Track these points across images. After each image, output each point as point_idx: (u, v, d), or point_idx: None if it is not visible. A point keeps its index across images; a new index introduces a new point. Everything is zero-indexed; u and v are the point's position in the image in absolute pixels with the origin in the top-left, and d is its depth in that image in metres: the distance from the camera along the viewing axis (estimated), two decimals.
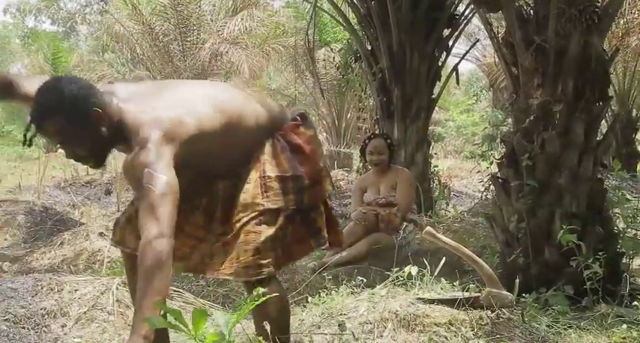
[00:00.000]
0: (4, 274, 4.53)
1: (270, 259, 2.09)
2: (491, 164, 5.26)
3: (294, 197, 2.14)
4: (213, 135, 2.02)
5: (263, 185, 2.11)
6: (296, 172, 2.15)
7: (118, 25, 15.54)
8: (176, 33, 15.31)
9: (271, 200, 2.11)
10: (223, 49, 15.15)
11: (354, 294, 3.35)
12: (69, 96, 1.90)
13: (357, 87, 11.07)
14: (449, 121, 21.53)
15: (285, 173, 2.14)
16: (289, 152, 2.17)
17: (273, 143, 2.17)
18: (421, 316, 2.76)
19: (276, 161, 2.15)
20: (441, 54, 6.95)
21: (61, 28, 31.79)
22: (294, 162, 2.16)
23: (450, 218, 6.37)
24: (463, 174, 11.54)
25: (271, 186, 2.12)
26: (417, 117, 6.71)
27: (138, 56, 16.61)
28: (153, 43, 15.51)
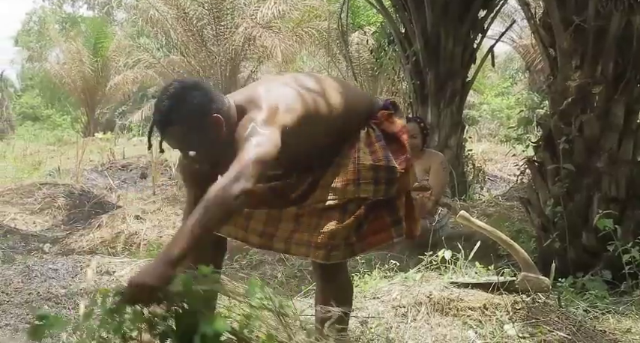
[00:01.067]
0: (45, 255, 4.64)
1: (343, 246, 2.07)
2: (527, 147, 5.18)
3: (384, 187, 2.11)
4: (317, 122, 2.05)
5: (357, 171, 2.10)
6: (389, 162, 2.12)
7: (153, 9, 15.65)
8: (210, 17, 15.36)
9: (362, 189, 2.09)
10: (256, 33, 15.15)
11: (387, 278, 3.35)
12: (190, 104, 1.90)
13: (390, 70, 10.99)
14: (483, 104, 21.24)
15: (379, 162, 2.12)
16: (384, 141, 2.15)
17: (368, 131, 2.16)
18: (455, 300, 2.75)
19: (371, 149, 2.13)
20: (476, 36, 6.83)
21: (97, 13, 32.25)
22: (387, 151, 2.14)
23: (485, 202, 6.31)
24: (498, 157, 11.40)
25: (364, 175, 2.10)
26: (451, 101, 6.64)
27: (172, 41, 16.75)
28: (187, 28, 15.59)
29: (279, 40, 15.35)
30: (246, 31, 15.16)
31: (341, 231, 2.06)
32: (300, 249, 2.11)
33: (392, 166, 2.12)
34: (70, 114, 28.28)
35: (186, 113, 1.89)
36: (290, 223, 2.12)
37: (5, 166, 10.22)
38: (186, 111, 1.90)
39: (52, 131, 24.43)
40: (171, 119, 1.90)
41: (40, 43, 29.65)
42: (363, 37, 14.83)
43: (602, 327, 2.69)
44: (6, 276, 3.32)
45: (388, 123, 2.19)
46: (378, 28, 12.39)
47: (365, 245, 2.16)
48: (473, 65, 6.99)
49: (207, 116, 1.91)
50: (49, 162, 10.97)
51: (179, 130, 1.91)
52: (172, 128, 1.91)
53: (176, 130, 1.91)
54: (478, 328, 2.58)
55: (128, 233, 5.30)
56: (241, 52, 15.83)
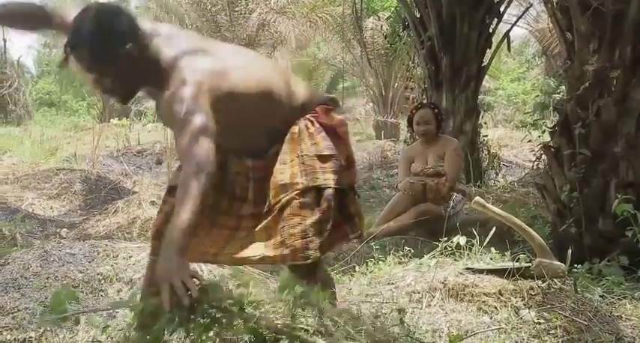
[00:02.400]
0: (63, 240, 4.69)
1: (317, 243, 2.05)
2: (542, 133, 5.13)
3: (333, 176, 2.10)
4: (247, 99, 2.00)
5: (301, 164, 2.08)
6: (333, 151, 2.12)
7: None
8: (224, 3, 15.36)
9: (310, 178, 2.07)
10: (270, 18, 15.12)
11: (401, 264, 3.36)
12: (104, 27, 1.88)
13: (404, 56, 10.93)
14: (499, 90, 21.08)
15: (322, 151, 2.11)
16: (324, 132, 2.14)
17: (307, 124, 2.13)
18: (470, 286, 2.75)
19: (313, 140, 2.11)
20: (491, 20, 6.77)
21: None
22: (328, 141, 2.13)
23: (500, 188, 6.28)
24: (513, 143, 11.33)
25: (310, 165, 2.08)
26: (466, 86, 6.59)
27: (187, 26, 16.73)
28: (201, 13, 15.60)
29: (293, 25, 15.32)
30: (260, 17, 15.15)
31: (310, 228, 2.03)
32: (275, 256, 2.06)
33: (336, 154, 2.12)
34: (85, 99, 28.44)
35: (97, 35, 1.87)
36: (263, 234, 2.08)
37: (23, 151, 10.31)
38: (98, 33, 1.87)
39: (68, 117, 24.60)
40: (81, 38, 1.88)
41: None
42: (378, 22, 14.76)
43: (619, 313, 2.68)
44: (25, 261, 3.36)
45: (327, 117, 2.17)
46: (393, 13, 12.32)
47: (330, 242, 2.15)
48: (488, 50, 6.93)
49: (119, 42, 1.89)
50: (65, 148, 11.06)
51: (87, 51, 1.89)
52: (81, 48, 1.89)
53: (85, 50, 1.89)
54: (493, 314, 2.58)
55: (144, 218, 5.33)
56: (255, 37, 15.82)
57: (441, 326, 2.53)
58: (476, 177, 6.26)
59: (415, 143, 5.22)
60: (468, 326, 2.50)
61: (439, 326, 2.53)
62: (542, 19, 17.07)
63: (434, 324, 2.55)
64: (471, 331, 2.46)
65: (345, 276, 3.38)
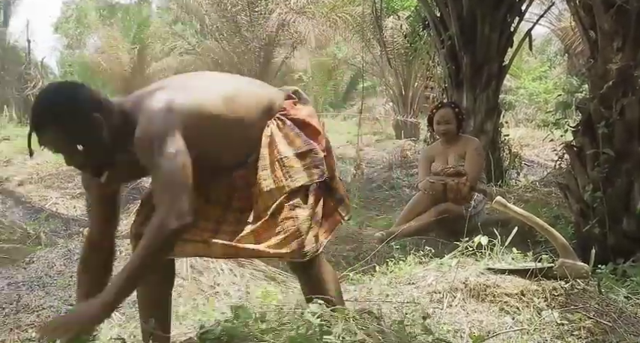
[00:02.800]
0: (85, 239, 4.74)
1: (312, 239, 2.07)
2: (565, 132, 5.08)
3: (316, 170, 2.10)
4: (216, 118, 1.98)
5: (282, 166, 2.07)
6: (310, 146, 2.11)
7: None
8: (244, 3, 15.41)
9: (295, 179, 2.07)
10: (290, 18, 15.15)
11: (422, 264, 3.34)
12: (65, 104, 1.86)
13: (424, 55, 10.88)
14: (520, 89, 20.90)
15: (300, 149, 2.10)
16: (297, 128, 2.13)
17: (278, 124, 2.12)
18: (492, 286, 2.73)
19: (288, 140, 2.10)
20: (513, 19, 6.71)
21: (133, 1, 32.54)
22: (304, 137, 2.12)
23: (521, 188, 6.23)
24: (535, 143, 11.22)
25: (291, 165, 2.07)
26: (487, 86, 6.55)
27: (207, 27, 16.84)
28: (222, 14, 15.67)
29: (313, 25, 15.32)
30: (280, 17, 15.17)
31: (302, 226, 2.04)
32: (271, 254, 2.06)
33: (313, 148, 2.11)
34: None
35: (61, 113, 1.84)
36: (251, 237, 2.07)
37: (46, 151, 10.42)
38: (61, 110, 1.84)
39: None
40: (46, 119, 1.85)
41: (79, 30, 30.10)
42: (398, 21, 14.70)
43: None
44: (49, 259, 3.41)
45: (295, 111, 2.16)
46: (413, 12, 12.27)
47: (324, 232, 2.15)
48: (510, 49, 6.88)
49: (85, 116, 1.86)
50: None
51: (54, 131, 1.86)
52: (47, 129, 1.85)
53: (51, 131, 1.86)
54: (515, 314, 2.56)
55: None
56: (275, 37, 15.85)
57: (463, 326, 2.51)
58: (497, 177, 6.22)
59: (435, 142, 5.20)
60: (489, 327, 2.49)
61: (461, 327, 2.51)
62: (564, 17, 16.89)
63: (455, 324, 2.53)
64: (493, 331, 2.45)
65: (365, 276, 3.38)
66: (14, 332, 2.66)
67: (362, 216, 5.68)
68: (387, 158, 9.94)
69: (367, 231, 4.88)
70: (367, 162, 9.78)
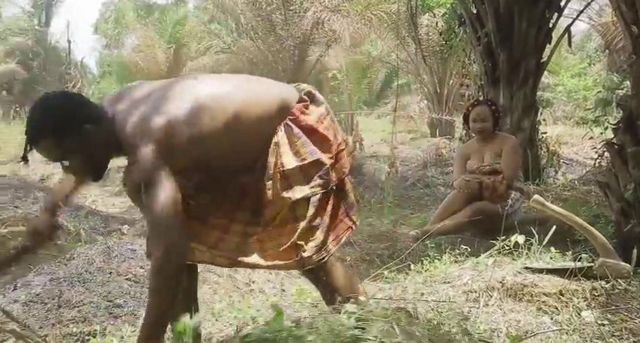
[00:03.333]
0: (124, 236, 4.82)
1: (312, 249, 2.06)
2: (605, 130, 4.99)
3: (320, 181, 2.07)
4: (216, 132, 1.96)
5: (285, 179, 2.05)
6: (315, 156, 2.07)
7: None
8: (279, 2, 15.46)
9: (296, 191, 2.05)
10: (325, 16, 15.15)
11: (457, 263, 3.31)
12: (54, 119, 1.90)
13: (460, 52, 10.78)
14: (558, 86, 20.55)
15: (305, 160, 2.06)
16: (304, 136, 2.08)
17: (286, 130, 2.07)
18: (529, 286, 2.70)
19: (293, 150, 2.06)
20: (551, 15, 6.60)
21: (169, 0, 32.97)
22: (310, 146, 2.07)
23: (560, 186, 6.12)
24: (573, 140, 11.04)
25: (295, 179, 2.05)
26: (524, 83, 6.46)
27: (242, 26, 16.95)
28: (256, 13, 15.76)
29: (348, 23, 15.30)
30: (315, 15, 15.18)
31: (301, 236, 2.04)
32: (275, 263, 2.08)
33: (318, 159, 2.07)
34: None
35: (51, 126, 1.89)
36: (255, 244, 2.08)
37: None
38: (51, 124, 1.89)
39: None
40: (39, 130, 1.90)
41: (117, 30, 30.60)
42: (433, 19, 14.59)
43: None
44: (89, 256, 3.48)
45: (304, 116, 2.10)
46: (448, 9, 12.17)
47: (334, 238, 2.13)
48: (548, 45, 6.77)
49: (75, 128, 1.90)
50: None
51: (47, 143, 1.91)
52: (41, 139, 1.91)
53: (44, 143, 1.91)
54: (554, 314, 2.53)
55: None
56: (310, 36, 15.86)
57: (500, 326, 2.49)
58: (534, 175, 6.13)
59: (471, 140, 5.14)
60: (527, 327, 2.46)
61: (497, 326, 2.49)
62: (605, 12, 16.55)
63: (492, 324, 2.51)
64: (531, 331, 2.41)
65: (400, 274, 3.37)
66: (56, 327, 2.72)
67: (396, 215, 5.66)
68: (422, 156, 9.88)
69: (401, 229, 4.85)
70: (401, 161, 9.73)
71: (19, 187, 6.27)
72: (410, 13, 10.29)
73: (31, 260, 3.79)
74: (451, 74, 16.06)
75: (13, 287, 3.18)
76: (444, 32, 12.19)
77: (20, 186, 6.30)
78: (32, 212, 5.05)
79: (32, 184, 6.62)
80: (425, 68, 16.00)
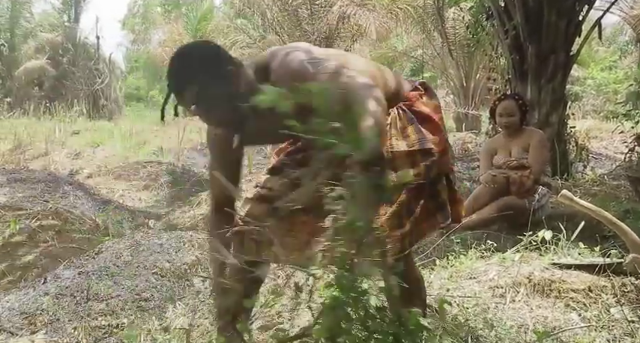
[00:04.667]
0: (151, 230, 4.87)
1: (396, 236, 1.98)
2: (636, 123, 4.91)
3: (423, 170, 2.01)
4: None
5: (392, 159, 1.99)
6: (424, 145, 2.01)
7: None
8: None
9: (400, 176, 1.98)
10: (351, 11, 15.11)
11: (483, 258, 3.29)
12: (202, 60, 1.87)
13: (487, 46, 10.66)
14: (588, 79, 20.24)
15: (413, 146, 2.01)
16: (417, 123, 2.04)
17: (399, 113, 2.04)
18: (557, 281, 2.67)
19: (404, 133, 2.02)
20: (582, 7, 6.49)
21: None
22: (422, 133, 2.03)
23: (589, 181, 6.04)
24: (603, 135, 10.86)
25: (400, 162, 2.00)
26: (553, 76, 6.37)
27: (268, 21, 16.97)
28: (283, 8, 15.78)
29: (374, 17, 15.24)
30: (341, 10, 15.15)
31: (387, 220, 1.97)
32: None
33: (427, 148, 2.01)
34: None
35: (196, 69, 1.85)
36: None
37: (114, 145, 10.78)
38: (197, 66, 1.86)
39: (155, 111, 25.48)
40: (183, 76, 1.86)
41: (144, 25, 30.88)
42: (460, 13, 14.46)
43: None
44: (116, 250, 3.52)
45: (419, 103, 2.07)
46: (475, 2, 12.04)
47: (417, 234, 2.06)
48: (578, 38, 6.66)
49: (219, 70, 1.86)
50: (152, 142, 11.47)
51: (192, 87, 1.85)
52: (185, 86, 1.86)
53: (190, 87, 1.85)
54: (582, 311, 2.49)
55: None
56: (335, 30, 15.83)
57: (526, 321, 2.47)
58: (562, 170, 6.05)
59: (498, 135, 5.09)
60: (555, 323, 2.43)
61: (524, 322, 2.46)
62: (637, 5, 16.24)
63: (518, 320, 2.48)
64: (558, 328, 2.39)
65: (425, 269, 3.35)
66: (85, 320, 2.76)
67: None
68: None
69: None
70: None
71: (50, 181, 6.37)
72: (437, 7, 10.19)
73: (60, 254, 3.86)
74: (478, 68, 15.91)
75: (43, 280, 3.24)
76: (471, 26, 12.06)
77: (50, 180, 6.39)
78: (61, 206, 5.13)
79: (62, 178, 6.71)
80: (451, 62, 15.87)
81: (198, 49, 1.95)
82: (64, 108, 16.57)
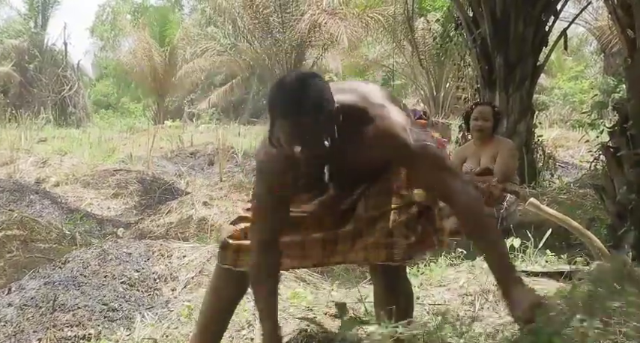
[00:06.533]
0: (119, 239, 4.81)
1: (402, 244, 2.03)
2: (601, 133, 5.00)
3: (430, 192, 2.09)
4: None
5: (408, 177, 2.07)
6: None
7: None
8: (276, 5, 15.50)
9: (415, 194, 2.07)
10: (322, 20, 15.18)
11: (453, 266, 3.31)
12: (317, 93, 1.75)
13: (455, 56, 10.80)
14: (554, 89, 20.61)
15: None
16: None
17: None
18: None
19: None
20: (548, 18, 6.61)
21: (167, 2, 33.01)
22: None
23: (555, 189, 6.13)
24: (569, 144, 11.06)
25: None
26: (520, 85, 6.46)
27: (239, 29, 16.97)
28: (254, 16, 15.80)
29: (345, 26, 15.33)
30: (312, 18, 15.21)
31: (397, 227, 2.03)
32: (358, 254, 2.06)
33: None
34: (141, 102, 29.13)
35: (316, 103, 1.73)
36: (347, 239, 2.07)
37: (82, 153, 10.64)
38: (316, 101, 1.74)
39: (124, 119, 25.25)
40: (303, 108, 1.71)
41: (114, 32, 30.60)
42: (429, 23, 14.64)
43: None
44: (84, 259, 3.47)
45: (432, 131, 2.15)
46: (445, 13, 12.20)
47: (416, 250, 2.11)
48: (544, 48, 6.78)
49: (331, 106, 1.76)
50: (122, 149, 11.35)
51: (308, 119, 1.72)
52: (302, 116, 1.71)
53: (306, 118, 1.71)
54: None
55: (197, 218, 5.42)
56: (307, 39, 15.89)
57: (495, 328, 2.48)
58: (530, 178, 6.13)
59: (468, 143, 5.14)
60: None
61: (493, 329, 2.48)
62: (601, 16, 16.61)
63: (487, 327, 2.50)
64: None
65: None
66: (51, 331, 2.71)
67: None
68: None
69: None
70: None
71: (15, 190, 6.25)
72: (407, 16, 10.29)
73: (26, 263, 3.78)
74: (447, 77, 16.10)
75: (7, 290, 3.17)
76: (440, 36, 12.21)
77: (15, 189, 6.28)
78: (27, 215, 5.04)
79: (28, 187, 6.60)
80: (421, 71, 16.04)
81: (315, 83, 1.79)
82: (31, 115, 16.32)
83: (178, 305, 2.94)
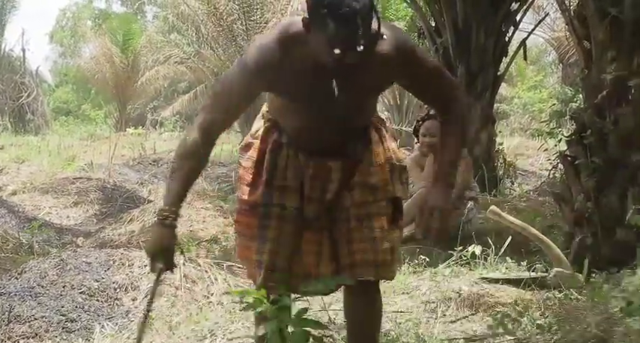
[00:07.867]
0: (79, 249, 4.72)
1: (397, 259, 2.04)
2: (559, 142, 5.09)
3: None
4: None
5: (392, 170, 1.99)
6: (405, 163, 2.08)
7: (184, 5, 15.81)
8: (240, 12, 15.44)
9: (397, 188, 1.99)
10: None
11: (416, 273, 3.34)
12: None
13: None
14: (514, 98, 20.98)
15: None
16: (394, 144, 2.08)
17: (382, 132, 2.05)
18: (485, 296, 2.74)
19: (394, 149, 2.06)
20: (508, 28, 6.74)
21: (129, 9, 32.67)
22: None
23: (516, 197, 6.24)
24: (529, 152, 11.25)
25: (397, 175, 2.01)
26: (481, 95, 6.57)
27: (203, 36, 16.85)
28: (217, 23, 15.70)
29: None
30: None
31: (397, 243, 2.01)
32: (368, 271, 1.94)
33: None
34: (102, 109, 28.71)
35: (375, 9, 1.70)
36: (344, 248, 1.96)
37: (41, 160, 10.41)
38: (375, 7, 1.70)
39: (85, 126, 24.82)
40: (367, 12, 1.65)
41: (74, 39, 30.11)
42: None
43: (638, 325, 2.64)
44: (41, 269, 3.39)
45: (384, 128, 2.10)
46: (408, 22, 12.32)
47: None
48: (505, 58, 6.91)
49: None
50: (82, 157, 11.14)
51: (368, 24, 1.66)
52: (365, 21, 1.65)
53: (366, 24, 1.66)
54: (509, 324, 2.55)
55: None
56: None
57: (456, 335, 2.51)
58: (491, 186, 6.22)
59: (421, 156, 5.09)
60: (483, 337, 2.48)
61: (454, 336, 2.51)
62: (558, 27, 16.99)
63: (449, 334, 2.53)
64: (487, 341, 2.44)
65: None
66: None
67: None
68: None
69: None
70: None
71: None
72: None
73: None
74: None
75: None
76: None
77: None
78: None
79: None
80: None
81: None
82: None
83: (139, 315, 2.89)
